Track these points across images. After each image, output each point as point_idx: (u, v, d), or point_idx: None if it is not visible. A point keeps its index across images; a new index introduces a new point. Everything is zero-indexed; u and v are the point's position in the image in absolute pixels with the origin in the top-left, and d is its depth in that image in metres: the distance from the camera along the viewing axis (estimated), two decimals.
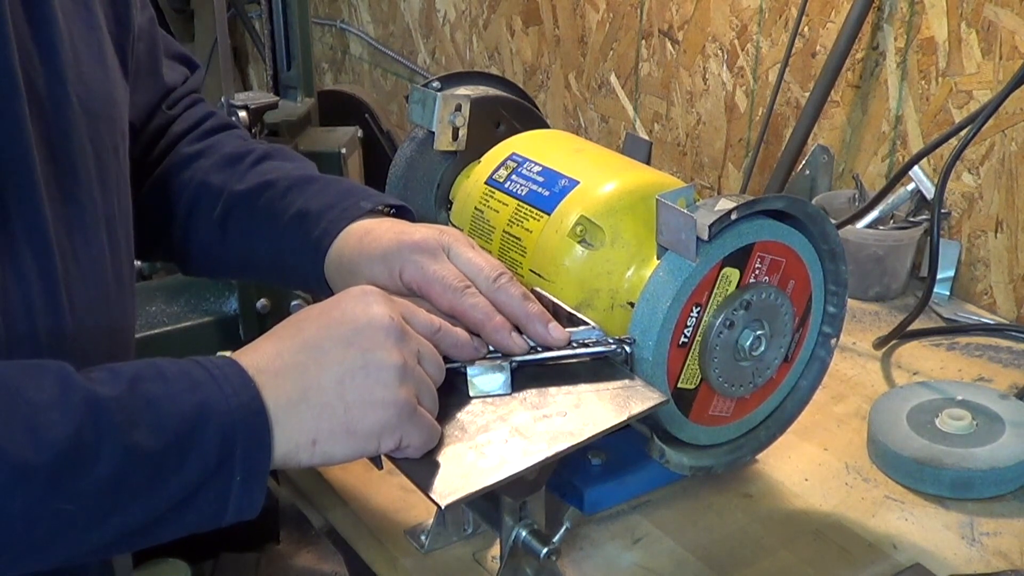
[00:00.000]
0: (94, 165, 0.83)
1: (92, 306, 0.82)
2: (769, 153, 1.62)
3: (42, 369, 0.68)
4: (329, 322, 0.76)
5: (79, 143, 0.82)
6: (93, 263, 0.83)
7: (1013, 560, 0.94)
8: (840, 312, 0.97)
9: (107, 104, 0.87)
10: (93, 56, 0.86)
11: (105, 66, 0.87)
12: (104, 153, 0.85)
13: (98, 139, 0.84)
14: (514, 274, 0.97)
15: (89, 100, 0.83)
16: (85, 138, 0.82)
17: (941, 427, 1.06)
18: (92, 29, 0.86)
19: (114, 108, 0.88)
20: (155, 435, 0.68)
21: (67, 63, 0.81)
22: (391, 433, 0.75)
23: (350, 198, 0.95)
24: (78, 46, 0.84)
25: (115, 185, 0.87)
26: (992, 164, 1.35)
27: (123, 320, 0.89)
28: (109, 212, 0.85)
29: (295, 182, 0.98)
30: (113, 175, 0.87)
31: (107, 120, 0.86)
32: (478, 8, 2.22)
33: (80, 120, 0.82)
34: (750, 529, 0.97)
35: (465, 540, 0.95)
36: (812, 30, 1.54)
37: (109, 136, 0.86)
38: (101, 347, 0.83)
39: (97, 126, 0.84)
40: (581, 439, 0.80)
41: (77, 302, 0.80)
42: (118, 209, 0.87)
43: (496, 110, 1.10)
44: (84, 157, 0.82)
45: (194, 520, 0.71)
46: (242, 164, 1.01)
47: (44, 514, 0.65)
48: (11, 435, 0.64)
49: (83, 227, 0.82)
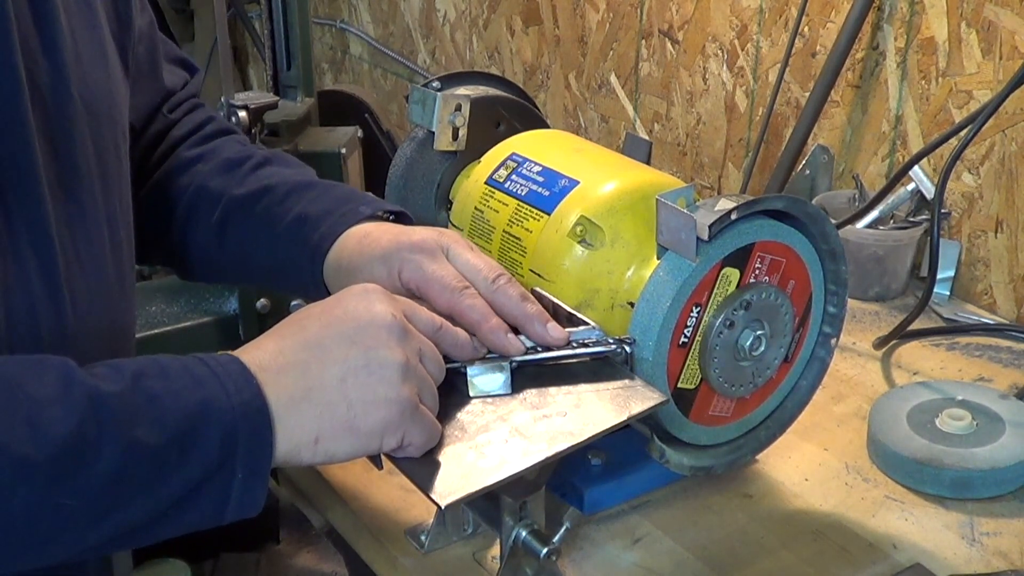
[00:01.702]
0: (95, 163, 0.83)
1: (93, 304, 0.82)
2: (769, 153, 1.62)
3: (44, 365, 0.68)
4: (331, 320, 0.76)
5: (81, 141, 0.82)
6: (94, 261, 0.83)
7: (1013, 560, 0.94)
8: (840, 312, 0.97)
9: (108, 102, 0.87)
10: (95, 55, 0.86)
11: (107, 65, 0.88)
12: (105, 152, 0.85)
13: (99, 137, 0.84)
14: (514, 274, 0.97)
15: (91, 98, 0.83)
16: (87, 136, 0.82)
17: (941, 427, 1.06)
18: (94, 28, 0.87)
19: (115, 107, 0.88)
20: (157, 431, 0.68)
21: (69, 61, 0.81)
22: (394, 432, 0.75)
23: (349, 203, 0.95)
24: (80, 44, 0.84)
25: (116, 183, 0.87)
26: (992, 164, 1.35)
27: (124, 318, 0.89)
28: (110, 210, 0.85)
29: (294, 187, 0.98)
30: (114, 174, 0.87)
31: (108, 118, 0.86)
32: (478, 8, 2.22)
33: (82, 118, 0.82)
34: (750, 529, 0.97)
35: (465, 540, 0.95)
36: (812, 30, 1.54)
37: (110, 135, 0.86)
38: (102, 345, 0.83)
39: (99, 124, 0.84)
40: (581, 439, 0.80)
41: (79, 300, 0.80)
42: (119, 208, 0.87)
43: (496, 110, 1.10)
44: (86, 155, 0.82)
45: (195, 517, 0.71)
46: (241, 169, 1.01)
47: (45, 510, 0.65)
48: (12, 430, 0.64)
49: (84, 225, 0.82)
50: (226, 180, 1.00)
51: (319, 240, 0.93)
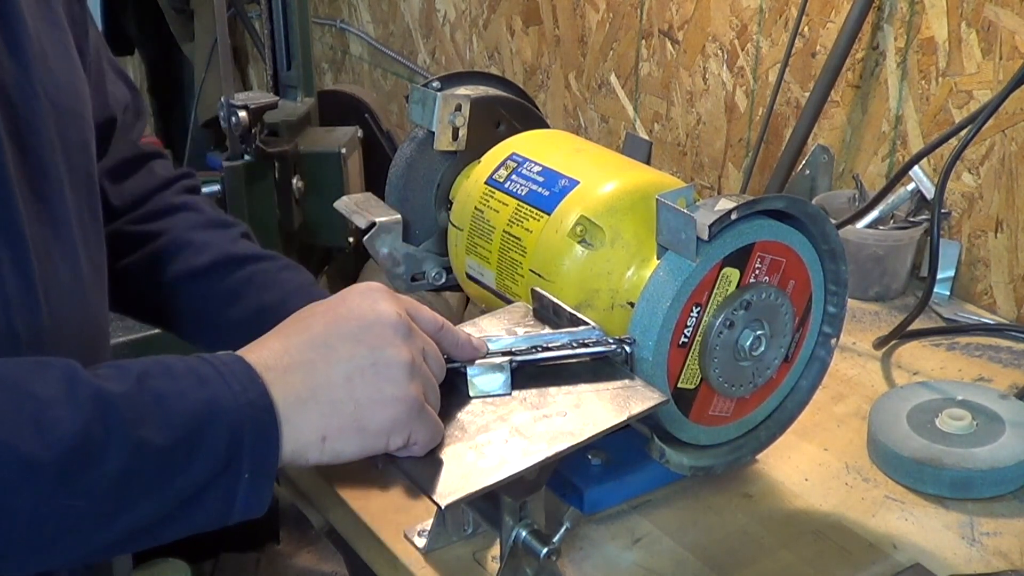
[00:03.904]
0: (64, 161, 0.83)
1: (67, 301, 0.82)
2: (769, 153, 1.62)
3: (47, 365, 0.68)
4: (336, 318, 0.76)
5: (48, 138, 0.82)
6: (68, 259, 0.83)
7: (1013, 560, 0.94)
8: (840, 312, 0.97)
9: (75, 99, 0.86)
10: (60, 53, 0.86)
11: (71, 62, 0.87)
12: (73, 149, 0.85)
13: (66, 134, 0.84)
14: (514, 274, 0.98)
15: (57, 96, 0.83)
16: (54, 133, 0.82)
17: (941, 427, 1.06)
18: (56, 27, 0.86)
19: (81, 103, 0.88)
20: (163, 431, 0.67)
21: (35, 59, 0.81)
22: (401, 430, 0.75)
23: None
24: (45, 43, 0.83)
25: (85, 181, 0.87)
26: (992, 164, 1.35)
27: (98, 315, 0.89)
28: (80, 207, 0.85)
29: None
30: (82, 171, 0.86)
31: (75, 116, 0.86)
32: (478, 8, 2.22)
33: (49, 115, 0.82)
34: (750, 529, 0.97)
35: (465, 540, 0.95)
36: (812, 30, 1.54)
37: (77, 132, 0.86)
38: (77, 342, 0.83)
39: (65, 121, 0.84)
40: (581, 439, 0.80)
41: (53, 298, 0.80)
42: (88, 204, 0.87)
43: (496, 110, 1.10)
44: (53, 153, 0.82)
45: (201, 518, 0.71)
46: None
47: (53, 511, 0.65)
48: (19, 432, 0.63)
49: (55, 223, 0.82)
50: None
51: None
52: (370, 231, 1.07)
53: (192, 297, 1.01)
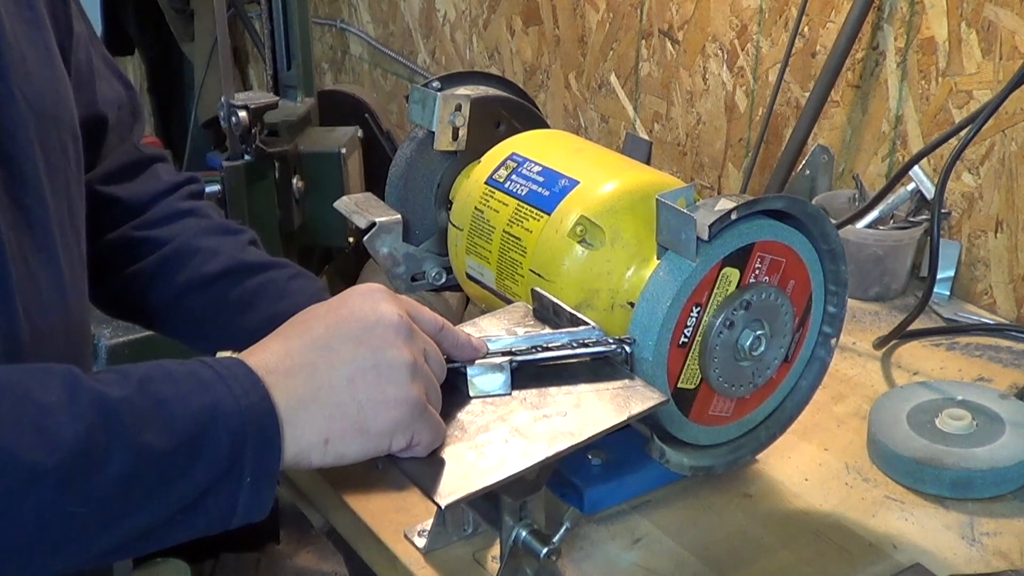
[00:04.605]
0: (43, 164, 0.82)
1: (47, 309, 0.82)
2: (769, 153, 1.62)
3: (48, 371, 0.67)
4: (337, 320, 0.76)
5: (26, 143, 0.81)
6: (46, 266, 0.82)
7: (1013, 560, 0.94)
8: (840, 312, 0.97)
9: (55, 103, 0.85)
10: (39, 55, 0.85)
11: (52, 65, 0.86)
12: (52, 153, 0.84)
13: (46, 138, 0.83)
14: (514, 274, 0.98)
15: (36, 98, 0.82)
16: (32, 137, 0.81)
17: (941, 427, 1.06)
18: (37, 28, 0.85)
19: (62, 107, 0.87)
20: (165, 436, 0.67)
21: (12, 61, 0.80)
22: (403, 431, 0.75)
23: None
24: (24, 45, 0.82)
25: (64, 186, 0.86)
26: (992, 164, 1.35)
27: (79, 321, 0.88)
28: (60, 212, 0.84)
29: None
30: (63, 176, 0.85)
31: (55, 119, 0.85)
32: (478, 8, 2.22)
33: (27, 119, 0.81)
34: (750, 529, 0.97)
35: (465, 540, 0.95)
36: (812, 30, 1.54)
37: (58, 135, 0.85)
38: (57, 349, 0.83)
39: (45, 125, 0.83)
40: (581, 439, 0.80)
41: (31, 306, 0.80)
42: (69, 209, 0.86)
43: (496, 110, 1.10)
44: (32, 157, 0.81)
45: (203, 522, 0.70)
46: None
47: (56, 516, 0.64)
48: (21, 438, 0.63)
49: (33, 229, 0.81)
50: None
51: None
52: (370, 231, 1.07)
53: (202, 305, 1.01)
